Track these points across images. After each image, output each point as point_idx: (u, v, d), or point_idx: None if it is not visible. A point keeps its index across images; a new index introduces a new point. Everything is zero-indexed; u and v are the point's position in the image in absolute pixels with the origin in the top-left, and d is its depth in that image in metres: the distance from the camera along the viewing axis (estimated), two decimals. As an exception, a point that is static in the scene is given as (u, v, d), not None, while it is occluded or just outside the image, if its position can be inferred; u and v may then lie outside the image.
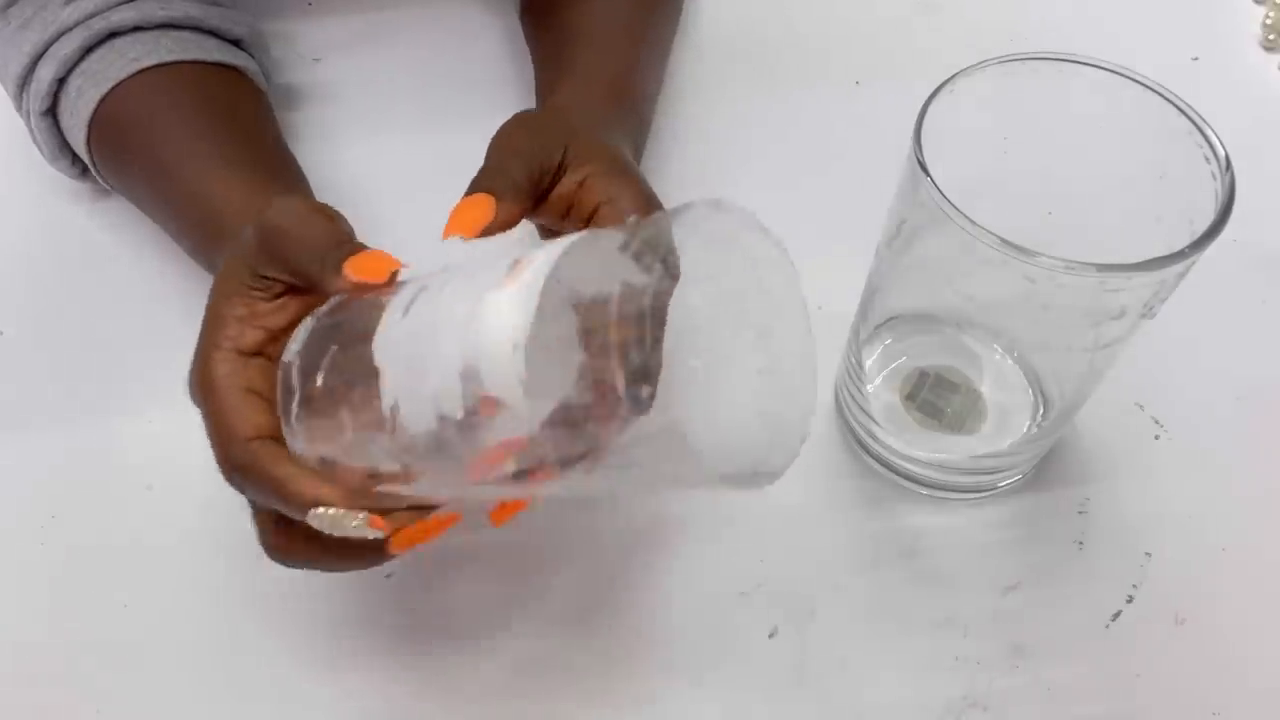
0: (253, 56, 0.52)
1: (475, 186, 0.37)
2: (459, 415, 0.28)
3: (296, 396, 0.33)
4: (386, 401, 0.30)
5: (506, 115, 0.40)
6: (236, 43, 0.52)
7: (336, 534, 0.32)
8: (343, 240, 0.34)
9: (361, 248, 0.34)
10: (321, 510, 0.32)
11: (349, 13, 0.64)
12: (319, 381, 0.33)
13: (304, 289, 0.35)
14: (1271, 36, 0.64)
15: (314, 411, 0.33)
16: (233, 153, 0.46)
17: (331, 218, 0.35)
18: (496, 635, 0.42)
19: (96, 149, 0.48)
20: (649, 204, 0.38)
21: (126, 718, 0.40)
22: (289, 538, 0.35)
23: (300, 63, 0.61)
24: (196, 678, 0.41)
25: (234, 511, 0.45)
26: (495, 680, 0.41)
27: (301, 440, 0.33)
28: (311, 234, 0.34)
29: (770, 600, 0.43)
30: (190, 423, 0.47)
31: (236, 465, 0.33)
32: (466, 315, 0.28)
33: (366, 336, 0.31)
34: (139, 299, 0.51)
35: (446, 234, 0.35)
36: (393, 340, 0.31)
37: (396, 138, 0.58)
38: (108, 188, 0.50)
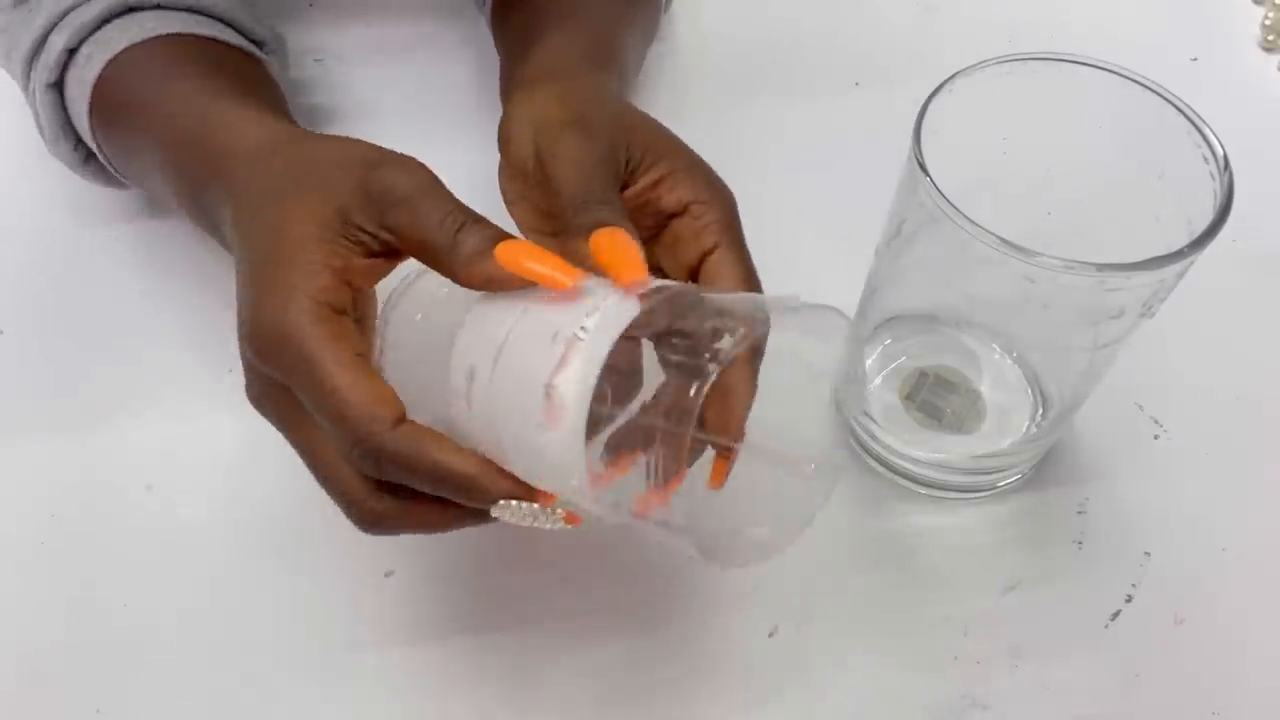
0: (273, 61, 0.51)
1: (586, 220, 0.32)
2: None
3: (465, 390, 0.30)
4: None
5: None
6: (259, 45, 0.51)
7: (520, 524, 0.30)
8: (465, 211, 0.31)
9: (504, 233, 0.30)
10: (515, 504, 0.29)
11: (350, 13, 0.64)
12: (488, 378, 0.30)
13: (396, 253, 0.32)
14: (1271, 37, 0.64)
15: (480, 410, 0.30)
16: (240, 97, 0.42)
17: (449, 192, 0.32)
18: (495, 635, 0.42)
19: (98, 113, 0.46)
20: (733, 209, 0.36)
21: (126, 718, 0.40)
22: (396, 507, 0.31)
23: (300, 63, 0.61)
24: (196, 677, 0.41)
25: (234, 511, 0.45)
26: (494, 680, 0.41)
27: (464, 433, 0.31)
28: (439, 205, 0.31)
29: (770, 600, 0.43)
30: (190, 423, 0.47)
31: (393, 454, 0.29)
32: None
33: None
34: (140, 299, 0.51)
35: (627, 281, 0.30)
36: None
37: (397, 138, 0.58)
38: (107, 166, 0.48)
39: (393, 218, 0.31)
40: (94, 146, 0.48)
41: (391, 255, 0.32)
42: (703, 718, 0.41)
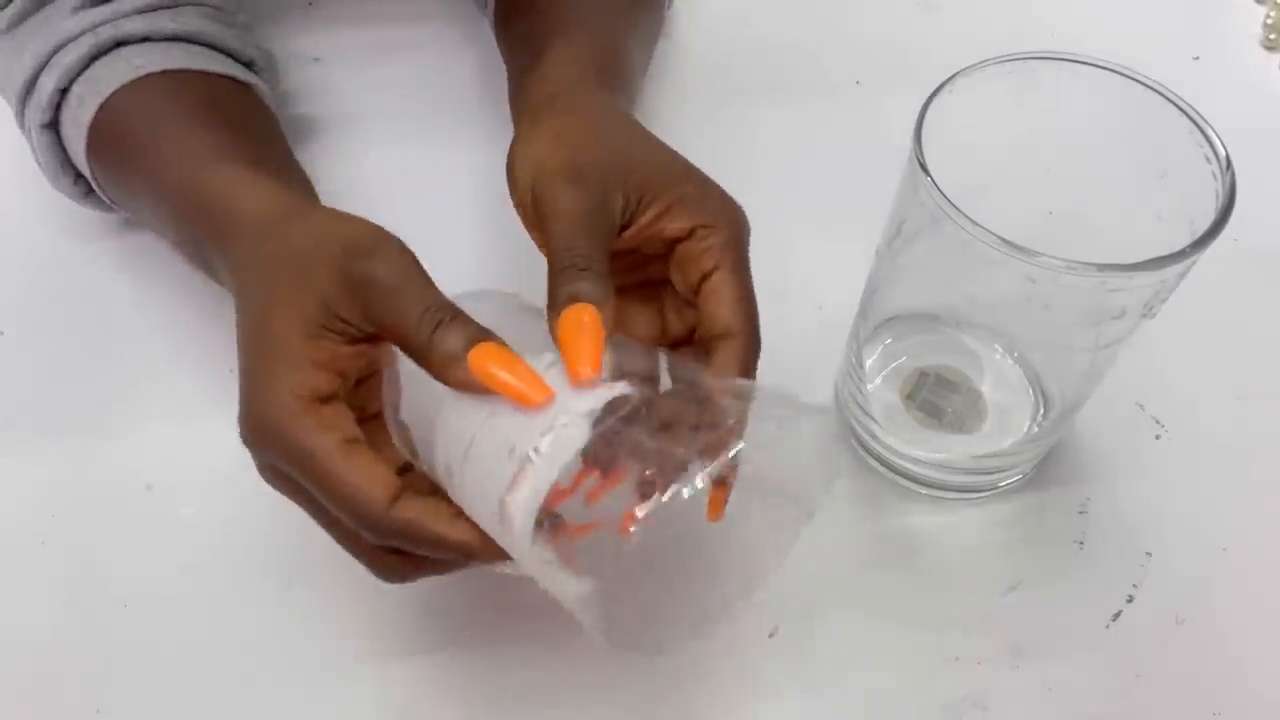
0: (263, 82, 0.51)
1: (563, 291, 0.33)
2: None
3: (447, 481, 0.33)
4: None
5: (509, 117, 0.39)
6: (248, 65, 0.51)
7: (532, 577, 0.32)
8: (444, 306, 0.32)
9: (481, 332, 0.31)
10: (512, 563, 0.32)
11: (349, 13, 0.64)
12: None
13: (378, 339, 0.33)
14: (1272, 36, 0.64)
15: (460, 498, 0.33)
16: (236, 150, 0.44)
17: (428, 280, 0.33)
18: (495, 636, 0.42)
19: (95, 156, 0.46)
20: (737, 232, 0.36)
21: (126, 718, 0.40)
22: (408, 562, 0.34)
23: (300, 63, 0.61)
24: (196, 678, 0.41)
25: (234, 513, 0.45)
26: (495, 680, 0.41)
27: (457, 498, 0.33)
28: (418, 299, 0.32)
29: (770, 600, 0.43)
30: (190, 423, 0.47)
31: (392, 533, 0.32)
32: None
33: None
34: (140, 299, 0.51)
35: (576, 380, 0.31)
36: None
37: (396, 139, 0.58)
38: (108, 202, 0.49)
39: (373, 310, 0.32)
40: (95, 186, 0.48)
41: (377, 339, 0.33)
42: (703, 718, 0.41)
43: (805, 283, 0.51)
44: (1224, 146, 0.36)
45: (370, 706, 0.41)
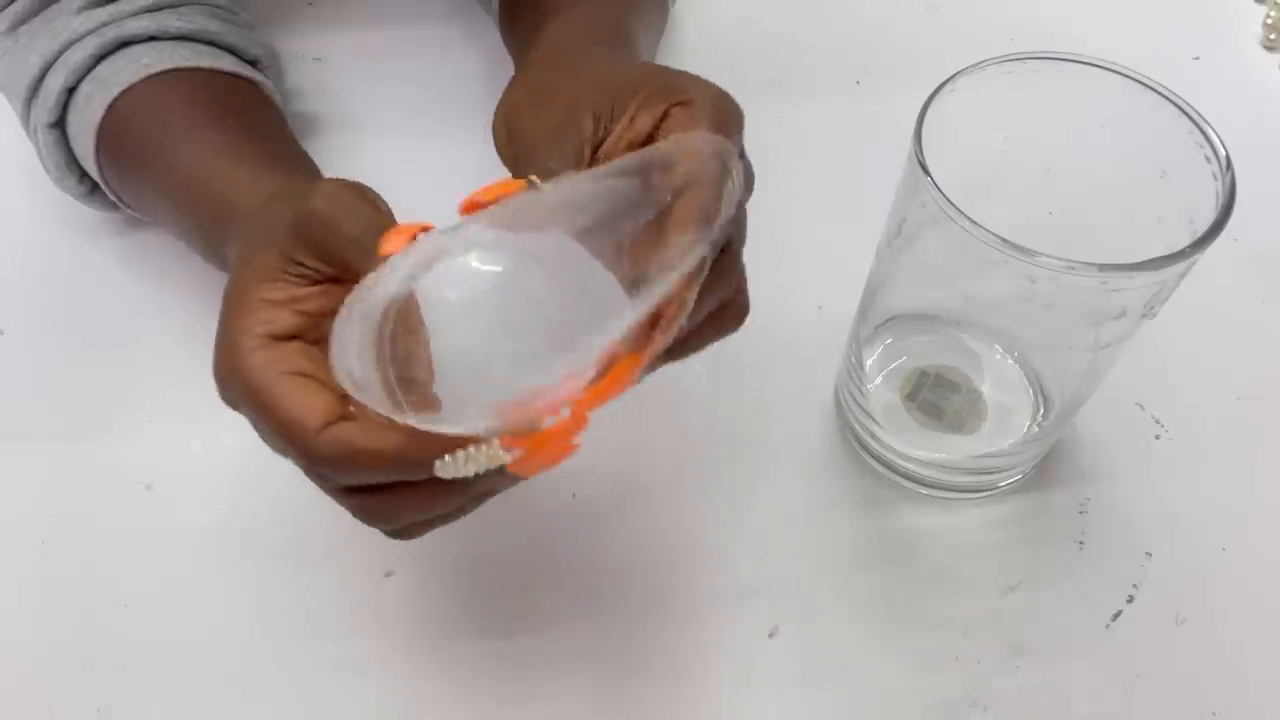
0: (268, 79, 0.51)
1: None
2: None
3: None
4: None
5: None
6: (253, 63, 0.51)
7: (470, 472, 0.30)
8: (385, 227, 0.32)
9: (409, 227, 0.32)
10: (449, 458, 0.30)
11: (350, 12, 0.64)
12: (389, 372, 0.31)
13: (346, 279, 0.33)
14: (1272, 36, 0.64)
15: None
16: (247, 147, 0.44)
17: (376, 203, 0.33)
18: (495, 636, 0.42)
19: (105, 155, 0.46)
20: (716, 105, 0.33)
21: (126, 718, 0.40)
22: (371, 501, 0.32)
23: (301, 62, 0.61)
24: (196, 677, 0.41)
25: (234, 512, 0.45)
26: (495, 680, 0.41)
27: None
28: (357, 222, 0.32)
29: (770, 600, 0.43)
30: (190, 423, 0.47)
31: (323, 458, 0.31)
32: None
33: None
34: (141, 298, 0.51)
35: (464, 210, 0.31)
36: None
37: (397, 138, 0.58)
38: (115, 200, 0.49)
39: (323, 246, 0.32)
40: (102, 184, 0.48)
41: (339, 281, 0.33)
42: (703, 718, 0.41)
43: (805, 283, 0.51)
44: (1224, 146, 0.36)
45: (370, 706, 0.41)
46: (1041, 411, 0.45)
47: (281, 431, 0.31)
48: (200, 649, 0.42)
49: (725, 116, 0.34)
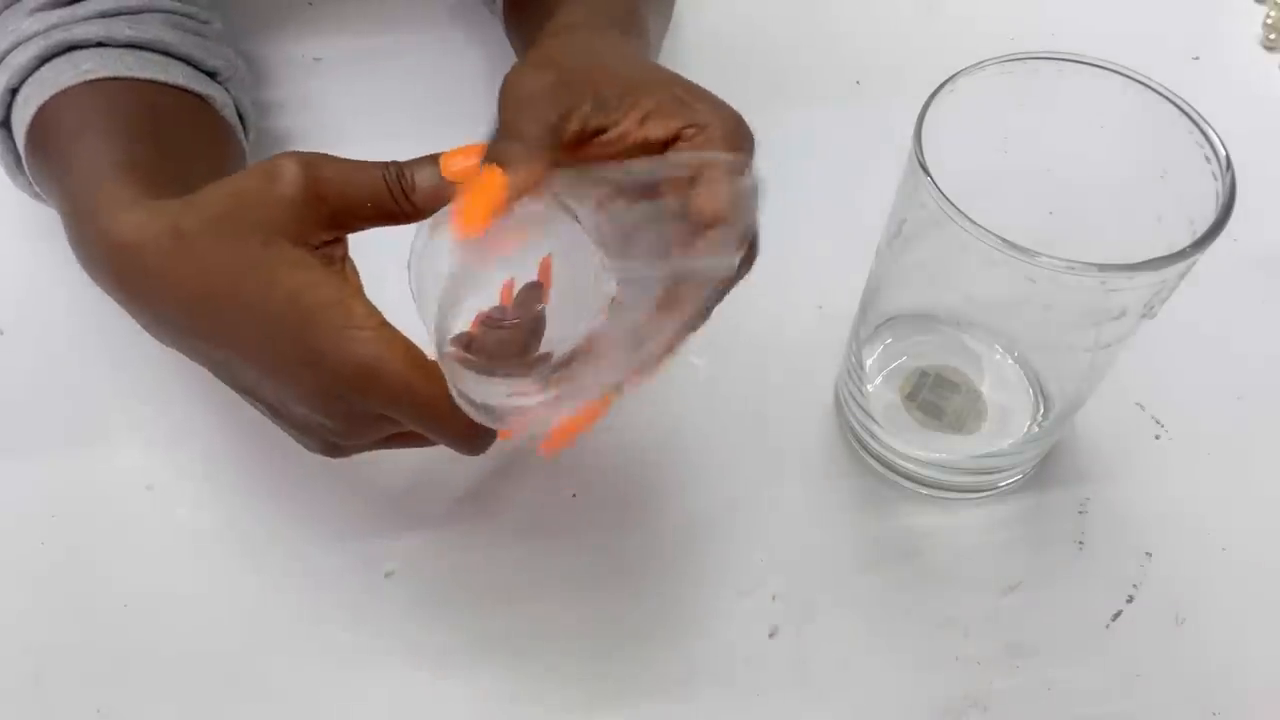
0: (228, 92, 0.49)
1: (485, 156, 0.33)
2: None
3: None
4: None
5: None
6: (212, 75, 0.49)
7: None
8: (391, 165, 0.33)
9: (427, 159, 0.34)
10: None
11: (350, 13, 0.64)
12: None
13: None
14: (1272, 36, 0.64)
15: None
16: (147, 169, 0.40)
17: (339, 159, 0.34)
18: (495, 635, 0.42)
19: (29, 156, 0.45)
20: (732, 129, 0.35)
21: (126, 718, 0.40)
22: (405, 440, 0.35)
23: (300, 62, 0.61)
24: (196, 678, 0.41)
25: (233, 511, 0.45)
26: (493, 680, 0.41)
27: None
28: (366, 168, 0.33)
29: (770, 600, 0.43)
30: (190, 423, 0.47)
31: (454, 430, 0.33)
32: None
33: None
34: (139, 299, 0.51)
35: (463, 235, 0.32)
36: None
37: (398, 138, 0.57)
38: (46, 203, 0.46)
39: (339, 205, 0.33)
40: (31, 184, 0.47)
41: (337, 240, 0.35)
42: (703, 718, 0.41)
43: (805, 283, 0.51)
44: (1224, 146, 0.36)
45: (371, 706, 0.41)
46: (1041, 411, 0.45)
47: (422, 411, 0.32)
48: (200, 649, 0.42)
49: (738, 141, 0.35)
